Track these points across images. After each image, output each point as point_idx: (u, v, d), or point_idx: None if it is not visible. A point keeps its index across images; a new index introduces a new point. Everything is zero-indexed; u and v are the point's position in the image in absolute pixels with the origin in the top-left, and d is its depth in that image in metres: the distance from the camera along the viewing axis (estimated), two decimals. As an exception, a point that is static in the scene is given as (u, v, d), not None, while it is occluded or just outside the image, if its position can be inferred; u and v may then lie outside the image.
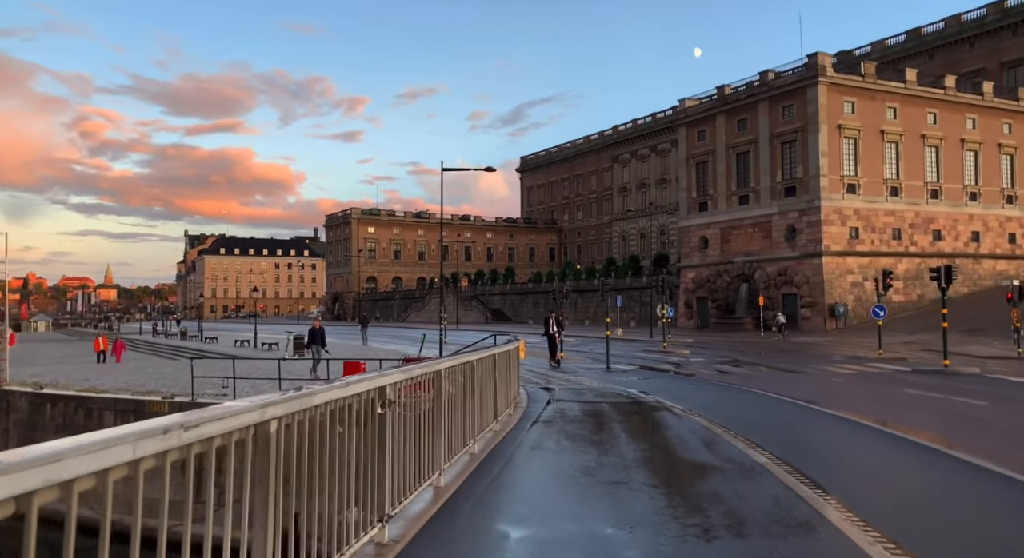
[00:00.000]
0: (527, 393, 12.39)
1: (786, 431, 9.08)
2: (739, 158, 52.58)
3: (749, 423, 9.43)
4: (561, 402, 11.26)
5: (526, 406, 10.61)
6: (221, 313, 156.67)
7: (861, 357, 24.19)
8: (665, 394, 12.90)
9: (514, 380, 10.40)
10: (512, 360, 9.98)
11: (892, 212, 49.16)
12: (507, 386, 9.22)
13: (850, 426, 9.45)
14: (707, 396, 13.21)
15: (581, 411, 10.28)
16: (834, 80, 47.11)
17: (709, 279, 53.62)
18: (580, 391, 13.27)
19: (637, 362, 23.95)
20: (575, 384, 14.98)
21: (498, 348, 8.48)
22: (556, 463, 6.63)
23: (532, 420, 9.26)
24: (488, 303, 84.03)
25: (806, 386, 15.40)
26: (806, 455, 7.19)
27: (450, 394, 5.92)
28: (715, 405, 11.61)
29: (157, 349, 39.00)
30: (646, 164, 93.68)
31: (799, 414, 10.79)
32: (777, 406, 11.70)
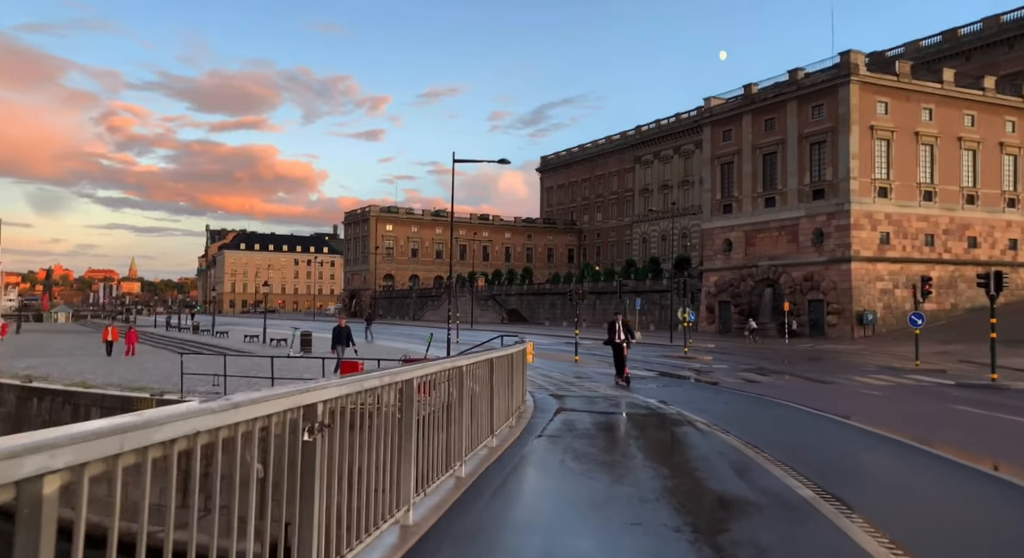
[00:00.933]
0: (534, 401, 11.30)
1: (829, 454, 7.88)
2: (766, 159, 50.99)
3: (784, 443, 8.26)
4: (571, 412, 10.15)
5: (532, 416, 9.52)
6: (240, 308, 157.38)
7: (897, 368, 22.73)
8: (687, 405, 11.73)
9: (519, 387, 9.31)
10: (516, 364, 8.89)
11: (925, 217, 47.31)
12: (509, 395, 8.13)
13: (905, 451, 8.17)
14: (733, 409, 12.01)
15: (593, 423, 9.16)
16: (867, 79, 45.41)
17: (732, 283, 52.07)
18: (593, 399, 12.13)
19: (656, 368, 22.72)
20: (588, 391, 13.84)
21: (497, 351, 7.39)
22: (559, 492, 5.54)
23: (536, 433, 8.17)
24: (504, 303, 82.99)
25: (841, 399, 14.13)
26: (859, 489, 6.03)
27: (431, 408, 4.85)
28: (743, 419, 10.45)
29: (167, 343, 38.48)
30: (669, 165, 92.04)
31: (840, 433, 9.56)
32: (813, 423, 10.48)
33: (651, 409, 10.98)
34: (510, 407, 8.28)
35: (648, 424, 9.41)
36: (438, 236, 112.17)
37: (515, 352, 8.51)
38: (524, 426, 8.65)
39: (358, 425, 3.55)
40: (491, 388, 6.88)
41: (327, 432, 3.12)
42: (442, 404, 5.24)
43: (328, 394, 3.10)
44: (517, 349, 8.71)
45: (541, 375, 17.73)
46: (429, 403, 5.04)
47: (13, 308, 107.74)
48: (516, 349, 8.67)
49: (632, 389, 14.92)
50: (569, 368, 21.51)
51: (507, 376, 8.01)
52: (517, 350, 8.71)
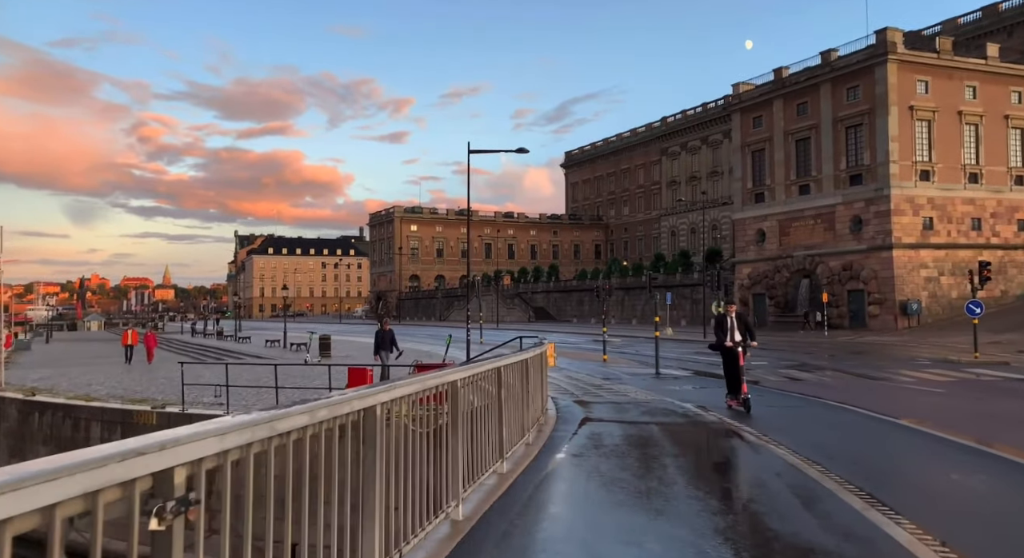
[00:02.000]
0: (557, 409, 10.13)
1: (913, 476, 6.50)
2: (798, 145, 48.97)
3: (851, 459, 6.97)
4: (598, 422, 8.94)
5: (553, 428, 8.36)
6: (270, 312, 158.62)
7: (953, 361, 21.01)
8: (728, 410, 10.43)
9: (537, 396, 8.15)
10: (533, 371, 7.71)
11: (971, 200, 44.92)
12: (524, 407, 6.97)
13: (1013, 470, 6.68)
14: (781, 413, 10.65)
15: (622, 437, 7.95)
16: (906, 57, 43.19)
17: (766, 275, 50.17)
18: (623, 406, 10.85)
19: (690, 366, 21.34)
20: (618, 395, 12.59)
21: (508, 358, 6.23)
22: (581, 538, 4.35)
23: (557, 451, 7.00)
24: (531, 301, 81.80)
25: (901, 398, 12.67)
26: (971, 528, 4.71)
27: (405, 439, 3.71)
28: (794, 427, 9.13)
29: (189, 349, 38.09)
30: (697, 156, 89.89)
31: (916, 445, 8.13)
32: (878, 430, 9.10)
33: (689, 417, 9.69)
34: (526, 421, 7.13)
35: (687, 437, 8.16)
36: (463, 235, 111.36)
37: (531, 357, 7.33)
38: (544, 442, 7.49)
39: (269, 491, 2.40)
40: (500, 403, 5.72)
41: (198, 507, 1.97)
42: (431, 430, 4.10)
43: (199, 450, 1.96)
44: (533, 353, 7.53)
45: (566, 377, 16.52)
46: (422, 424, 3.91)
47: (48, 317, 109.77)
48: (532, 354, 7.49)
49: (665, 391, 13.63)
50: (597, 369, 20.26)
51: (521, 386, 6.85)
52: (534, 355, 7.54)
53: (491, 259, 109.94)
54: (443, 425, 4.40)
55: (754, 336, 11.29)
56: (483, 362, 5.76)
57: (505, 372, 5.93)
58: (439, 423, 4.39)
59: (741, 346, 10.88)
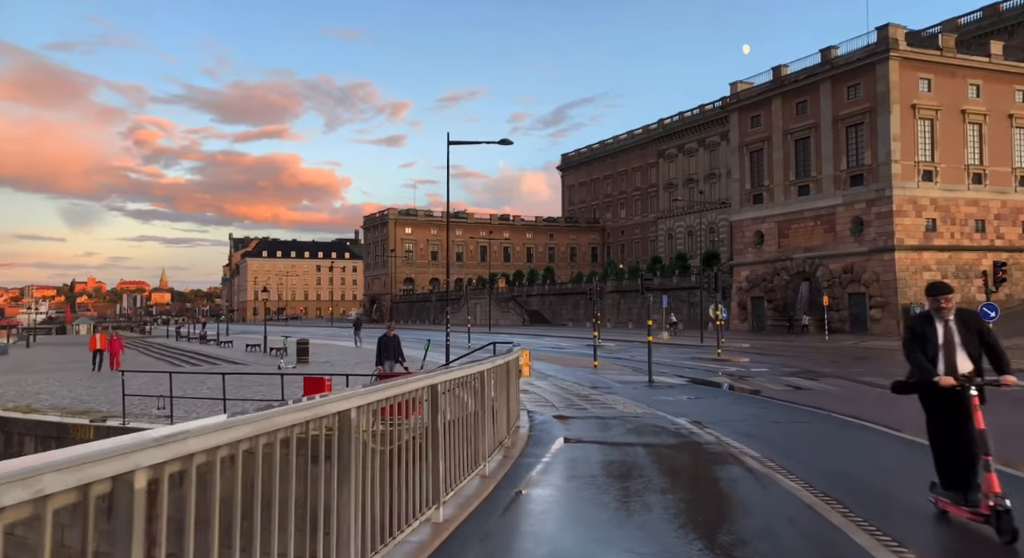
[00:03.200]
0: (531, 425, 8.87)
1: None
2: (798, 145, 47.85)
3: (878, 494, 5.70)
4: (576, 444, 7.65)
5: (521, 451, 7.09)
6: (263, 315, 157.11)
7: (966, 369, 19.79)
8: (727, 427, 9.16)
9: (503, 415, 6.88)
10: (498, 383, 6.43)
11: (975, 201, 43.80)
12: (479, 432, 5.70)
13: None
14: (787, 430, 9.38)
15: (601, 465, 6.66)
16: (908, 55, 42.09)
17: (765, 277, 48.97)
18: (607, 422, 9.54)
19: (686, 373, 20.07)
20: (604, 408, 11.29)
21: (449, 373, 4.96)
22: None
23: (518, 486, 5.73)
24: (525, 305, 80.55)
25: (917, 412, 11.41)
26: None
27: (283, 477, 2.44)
28: (804, 449, 7.86)
29: (166, 354, 36.74)
30: (694, 158, 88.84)
31: None
32: (901, 452, 7.74)
33: (682, 436, 8.38)
34: (483, 448, 5.86)
35: (679, 464, 6.85)
36: (458, 238, 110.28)
37: (490, 368, 6.04)
38: (507, 470, 6.22)
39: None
40: (433, 433, 4.43)
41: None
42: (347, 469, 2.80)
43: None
44: (493, 364, 6.25)
45: (552, 385, 15.24)
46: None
47: (37, 321, 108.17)
48: (492, 365, 6.20)
49: (658, 403, 12.35)
50: (586, 376, 18.98)
51: (478, 404, 5.57)
52: (493, 366, 6.25)
53: (486, 262, 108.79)
54: (330, 471, 3.12)
55: (1005, 363, 5.33)
56: (414, 379, 4.48)
57: (445, 389, 4.64)
58: (327, 469, 3.12)
59: (974, 386, 5.16)
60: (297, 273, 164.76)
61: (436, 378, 4.59)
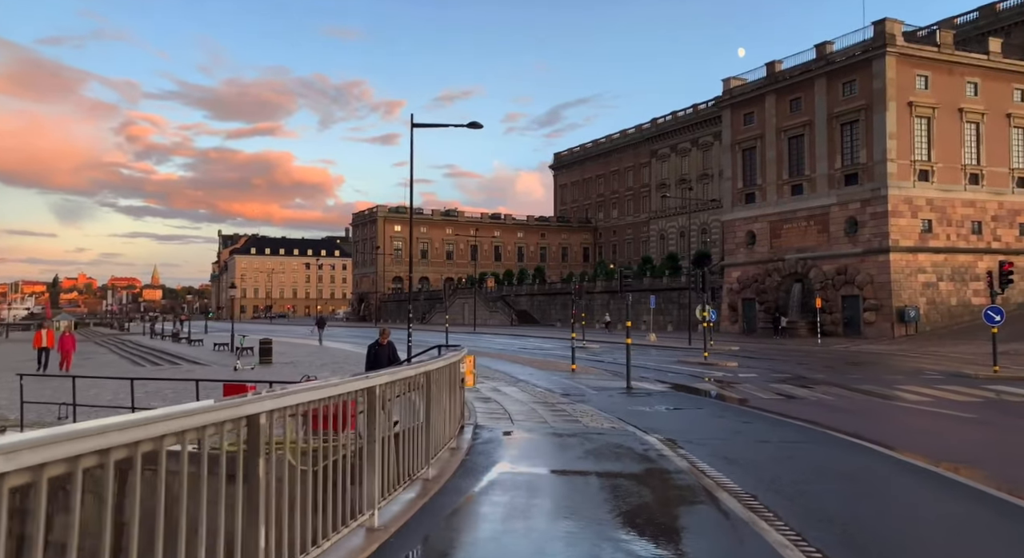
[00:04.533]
0: (472, 444, 7.51)
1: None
2: (791, 143, 46.66)
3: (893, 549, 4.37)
4: (516, 473, 6.25)
5: (443, 485, 5.73)
6: (252, 313, 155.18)
7: (969, 376, 18.53)
8: (705, 448, 7.83)
9: (421, 439, 5.50)
10: (434, 394, 5.05)
11: (971, 202, 42.71)
12: (382, 465, 4.32)
13: None
14: (776, 454, 8.01)
15: (545, 503, 5.30)
16: (905, 50, 40.95)
17: (756, 278, 47.77)
18: (565, 441, 8.10)
19: (669, 378, 18.76)
20: (569, 421, 9.89)
21: (322, 388, 3.60)
22: None
23: (422, 537, 4.36)
24: (514, 304, 79.21)
25: (925, 429, 10.13)
26: None
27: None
28: (798, 482, 6.50)
29: (128, 352, 35.23)
30: (687, 159, 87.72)
31: (996, 527, 5.31)
32: (917, 490, 6.18)
33: (649, 461, 6.96)
34: (374, 489, 4.47)
35: (637, 504, 5.36)
36: (449, 236, 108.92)
37: (404, 379, 4.66)
38: (411, 515, 4.84)
39: None
40: (294, 478, 3.06)
41: None
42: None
43: None
44: (416, 373, 4.88)
45: (521, 391, 13.89)
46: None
47: (19, 317, 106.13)
48: (413, 373, 4.84)
49: (631, 414, 11.01)
50: (561, 381, 17.62)
51: (373, 428, 4.19)
52: (415, 374, 4.88)
53: (477, 261, 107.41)
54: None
55: None
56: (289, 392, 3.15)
57: (318, 407, 3.27)
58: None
59: None
60: (285, 271, 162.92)
61: (314, 393, 3.24)
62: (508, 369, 20.55)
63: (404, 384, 5.09)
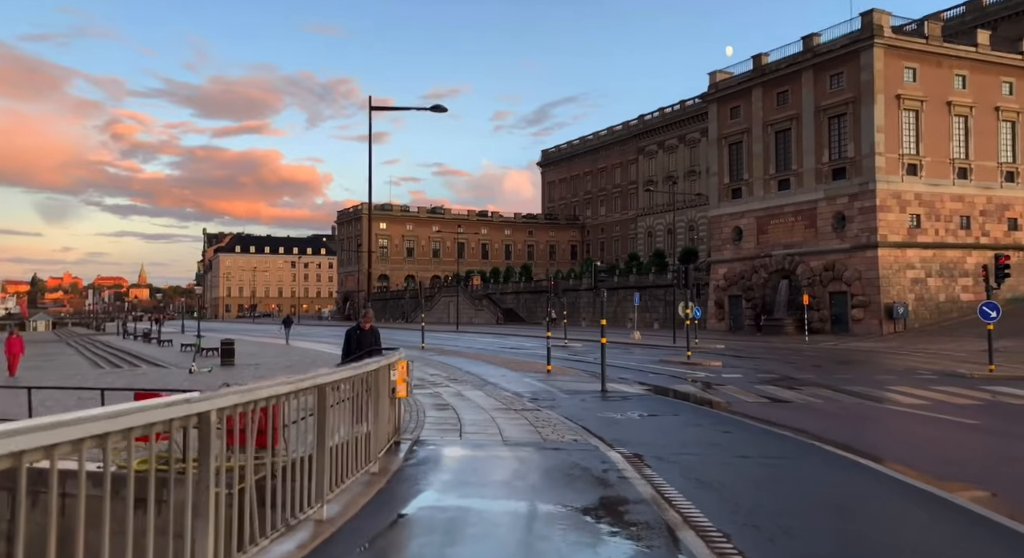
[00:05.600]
0: (400, 466, 6.42)
1: None
2: (778, 137, 45.85)
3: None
4: (441, 507, 5.09)
5: (347, 521, 4.64)
6: (236, 312, 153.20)
7: (964, 376, 17.65)
8: (675, 466, 6.79)
9: (326, 468, 4.42)
10: (339, 413, 3.95)
11: (960, 197, 42.06)
12: (228, 511, 3.22)
13: None
14: (757, 473, 6.92)
15: (461, 554, 4.21)
16: (893, 42, 40.21)
17: (743, 275, 46.95)
18: (514, 458, 6.88)
19: (649, 379, 17.77)
20: (527, 432, 8.77)
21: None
22: None
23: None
24: (500, 303, 78.16)
25: (928, 439, 9.16)
26: None
27: None
28: (782, 513, 5.45)
29: (92, 352, 33.88)
30: (674, 155, 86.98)
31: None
32: (933, 528, 5.22)
33: (607, 486, 5.75)
34: (246, 534, 3.39)
35: (577, 552, 4.48)
36: (435, 234, 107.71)
37: (220, 410, 3.56)
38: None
39: None
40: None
41: None
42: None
43: None
44: (280, 393, 3.80)
45: (486, 396, 12.82)
46: None
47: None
48: (310, 383, 3.75)
49: (600, 422, 9.97)
50: (533, 383, 16.58)
51: (210, 475, 3.09)
52: (312, 385, 3.79)
53: (464, 259, 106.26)
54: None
55: None
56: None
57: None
58: None
59: None
60: (271, 269, 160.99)
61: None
62: (480, 371, 19.50)
63: (310, 395, 4.00)
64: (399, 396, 6.90)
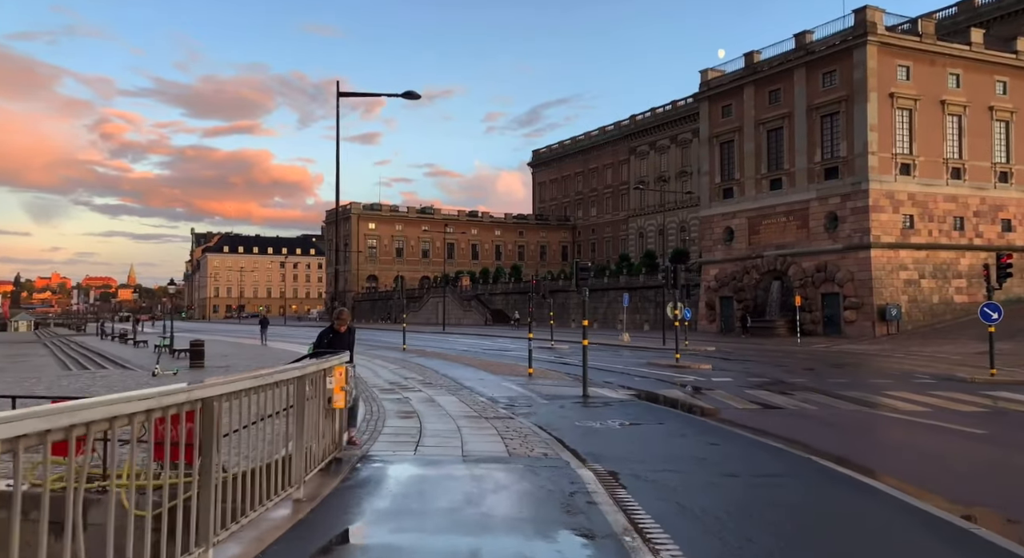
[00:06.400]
0: (332, 487, 5.55)
1: None
2: (770, 135, 45.20)
3: None
4: (363, 548, 4.20)
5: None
6: (224, 313, 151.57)
7: (963, 380, 16.90)
8: (654, 488, 5.93)
9: (212, 504, 3.56)
10: (247, 435, 3.07)
11: (953, 197, 41.50)
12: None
13: None
14: (746, 496, 6.03)
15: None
16: (886, 40, 39.61)
17: (734, 276, 46.25)
18: (470, 477, 5.96)
19: (635, 384, 16.94)
20: (490, 446, 7.84)
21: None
22: None
23: None
24: (489, 303, 77.26)
25: (935, 451, 8.35)
26: None
27: None
28: (776, 550, 4.62)
29: (72, 353, 32.82)
30: (665, 156, 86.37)
31: None
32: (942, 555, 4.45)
33: (572, 512, 4.83)
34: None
35: None
36: (424, 234, 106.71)
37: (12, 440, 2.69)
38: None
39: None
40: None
41: None
42: None
43: None
44: (143, 408, 2.93)
45: (459, 402, 11.94)
46: None
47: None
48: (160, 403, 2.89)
49: (577, 433, 9.13)
50: (511, 387, 15.71)
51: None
52: (143, 410, 2.93)
53: (454, 259, 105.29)
54: None
55: None
56: None
57: None
58: None
59: None
60: (259, 270, 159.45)
61: None
62: (458, 374, 18.61)
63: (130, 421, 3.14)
64: (335, 407, 6.03)
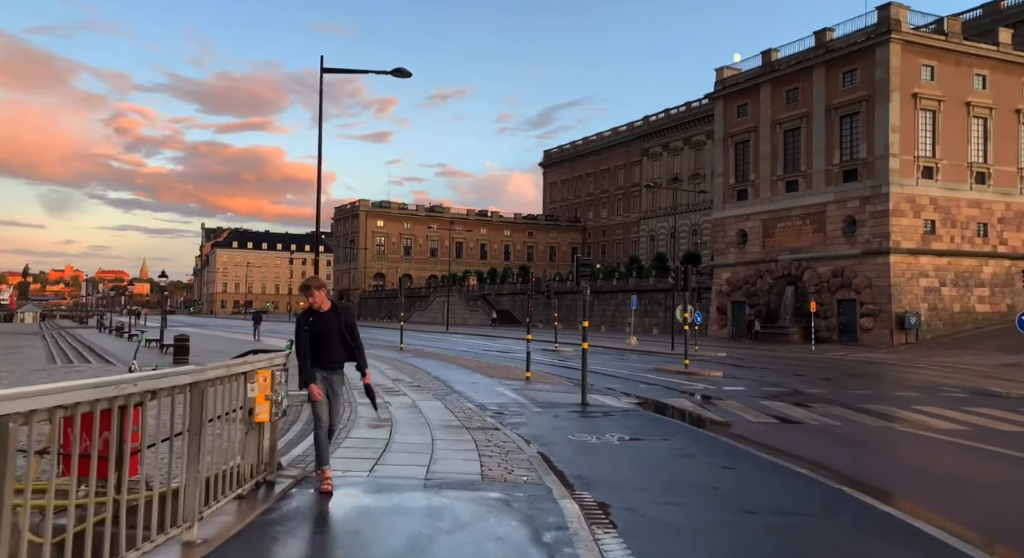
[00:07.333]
0: (236, 525, 4.46)
1: None
2: (787, 136, 43.82)
3: None
4: None
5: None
6: (232, 308, 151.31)
7: (997, 394, 15.59)
8: (653, 530, 4.72)
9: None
10: None
11: (977, 203, 39.97)
12: None
13: None
14: (774, 549, 4.79)
15: None
16: (910, 38, 38.18)
17: (747, 280, 44.88)
18: (423, 511, 4.80)
19: (640, 391, 15.76)
20: (462, 464, 6.69)
21: None
22: None
23: None
24: (496, 304, 76.13)
25: (978, 479, 7.20)
26: None
27: None
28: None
29: (64, 345, 32.05)
30: (678, 158, 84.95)
31: None
32: None
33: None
34: None
35: None
36: (433, 233, 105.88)
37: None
38: None
39: None
40: None
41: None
42: None
43: None
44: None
45: (443, 408, 10.82)
46: None
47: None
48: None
49: (570, 449, 8.00)
50: (506, 392, 14.58)
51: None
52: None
53: (462, 259, 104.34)
54: None
55: None
56: None
57: None
58: None
59: None
60: (267, 265, 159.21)
61: None
62: (451, 376, 17.50)
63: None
64: (259, 420, 4.94)
